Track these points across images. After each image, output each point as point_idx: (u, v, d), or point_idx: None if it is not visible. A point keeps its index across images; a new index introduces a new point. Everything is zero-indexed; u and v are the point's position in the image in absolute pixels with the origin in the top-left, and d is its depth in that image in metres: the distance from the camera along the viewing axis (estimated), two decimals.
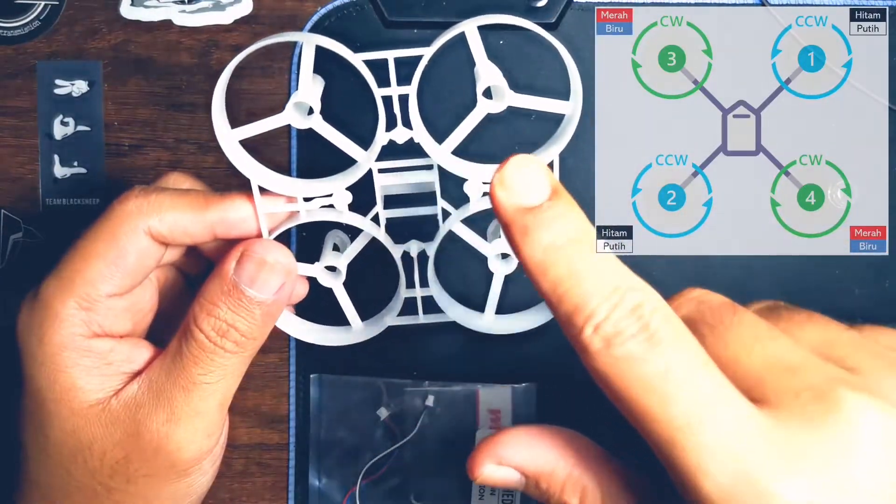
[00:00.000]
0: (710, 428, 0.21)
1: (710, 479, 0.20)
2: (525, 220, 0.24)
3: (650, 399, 0.21)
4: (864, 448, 0.20)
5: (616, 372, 0.22)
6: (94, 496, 0.32)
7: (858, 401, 0.21)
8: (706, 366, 0.22)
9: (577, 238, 0.24)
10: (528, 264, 0.24)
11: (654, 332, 0.22)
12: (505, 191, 0.24)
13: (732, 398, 0.21)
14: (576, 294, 0.23)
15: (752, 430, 0.21)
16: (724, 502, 0.20)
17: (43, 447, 0.32)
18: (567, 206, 0.25)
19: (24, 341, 0.31)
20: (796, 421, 0.21)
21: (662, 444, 0.21)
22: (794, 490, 0.20)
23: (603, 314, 0.22)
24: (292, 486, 0.43)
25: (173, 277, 0.36)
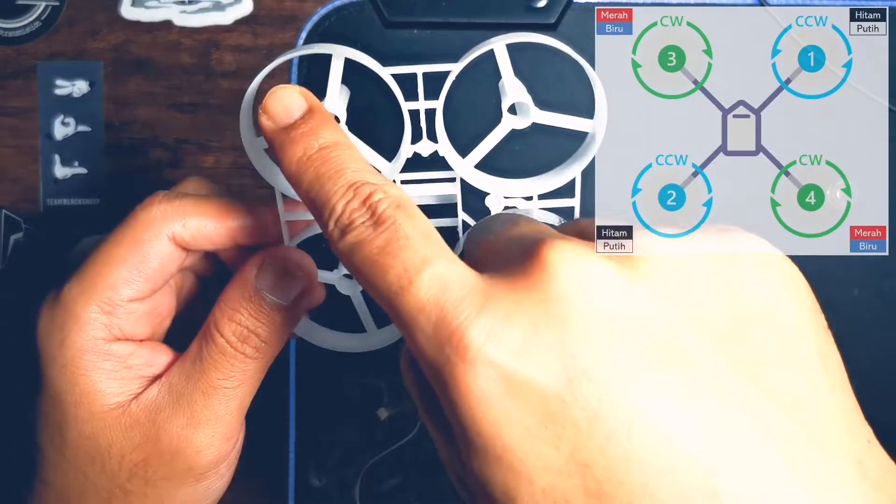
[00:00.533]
0: (417, 287, 0.22)
1: (419, 331, 0.22)
2: (280, 137, 0.27)
3: (373, 273, 0.23)
4: (553, 287, 0.21)
5: (350, 256, 0.24)
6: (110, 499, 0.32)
7: (559, 248, 0.21)
8: (424, 238, 0.23)
9: (325, 146, 0.26)
10: (287, 177, 0.27)
11: (378, 216, 0.24)
12: (267, 117, 0.27)
13: (444, 260, 0.23)
14: (321, 195, 0.25)
15: (456, 284, 0.22)
16: (430, 350, 0.21)
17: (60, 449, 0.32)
18: (318, 121, 0.27)
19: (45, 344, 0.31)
20: (502, 275, 0.22)
21: (389, 312, 0.23)
22: (483, 327, 0.21)
23: (340, 209, 0.24)
24: (292, 486, 0.43)
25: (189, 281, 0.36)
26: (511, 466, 0.20)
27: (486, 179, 0.33)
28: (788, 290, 0.22)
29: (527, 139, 0.33)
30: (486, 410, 0.20)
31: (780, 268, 0.23)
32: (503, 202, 0.33)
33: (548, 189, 0.33)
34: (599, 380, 0.20)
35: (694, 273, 0.22)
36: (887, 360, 0.43)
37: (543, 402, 0.20)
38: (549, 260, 0.21)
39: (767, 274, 0.22)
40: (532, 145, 0.39)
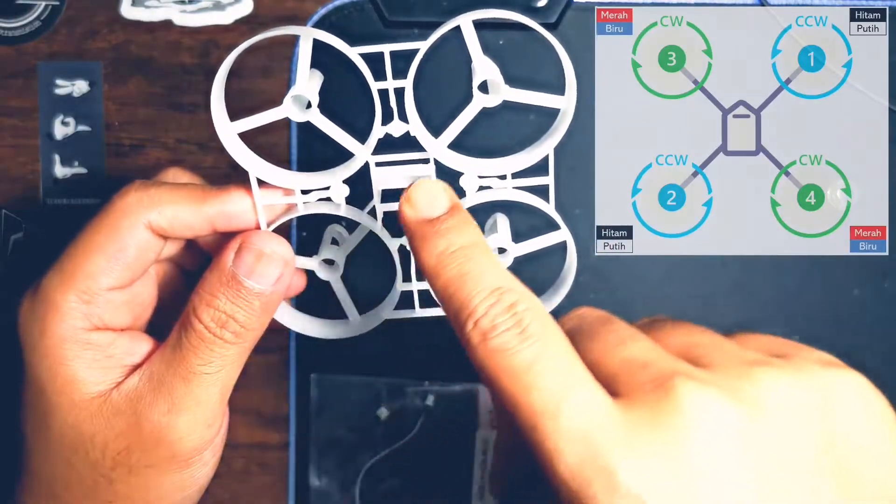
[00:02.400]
0: (565, 414, 0.22)
1: (562, 461, 0.22)
2: (423, 230, 0.28)
3: (516, 387, 0.23)
4: (692, 431, 0.22)
5: (490, 363, 0.24)
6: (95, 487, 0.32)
7: (689, 386, 0.22)
8: (568, 359, 0.24)
9: (466, 245, 0.27)
10: (424, 269, 0.27)
11: (525, 327, 0.24)
12: (410, 206, 0.29)
13: (589, 389, 0.23)
14: (461, 294, 0.25)
15: (602, 417, 0.22)
16: (574, 482, 0.22)
17: (44, 439, 0.32)
18: (461, 220, 0.28)
19: (26, 334, 0.32)
20: (640, 408, 0.23)
21: (527, 430, 0.23)
22: (631, 467, 0.22)
23: (482, 311, 0.25)
24: (292, 486, 0.43)
25: (171, 272, 0.36)
26: None
27: (460, 159, 0.33)
28: (884, 425, 0.24)
29: (499, 117, 0.33)
30: None
31: (878, 406, 0.24)
32: (477, 182, 0.33)
33: (521, 167, 0.33)
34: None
35: (804, 409, 0.23)
36: (888, 360, 0.42)
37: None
38: (683, 401, 0.22)
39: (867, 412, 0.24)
40: (504, 124, 0.39)
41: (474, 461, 0.43)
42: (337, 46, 0.30)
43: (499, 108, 0.31)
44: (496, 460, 0.28)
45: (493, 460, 0.28)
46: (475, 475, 0.43)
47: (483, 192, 0.33)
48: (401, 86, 0.31)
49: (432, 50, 0.30)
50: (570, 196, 0.41)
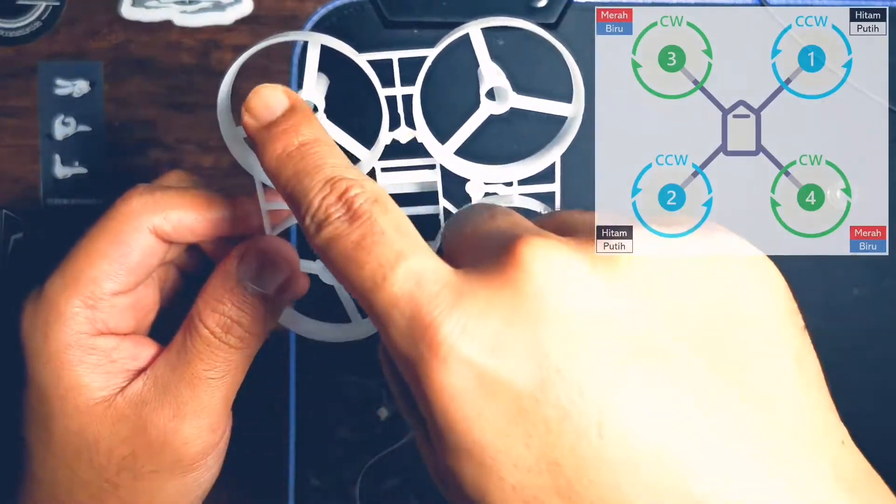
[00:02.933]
0: (391, 282, 0.22)
1: (393, 327, 0.22)
2: (262, 135, 0.27)
3: (348, 268, 0.23)
4: (527, 284, 0.21)
5: (326, 251, 0.24)
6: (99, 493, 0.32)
7: (529, 242, 0.21)
8: (399, 233, 0.23)
9: (305, 143, 0.26)
10: (267, 174, 0.27)
11: (354, 211, 0.24)
12: (249, 115, 0.28)
13: (419, 256, 0.22)
14: (298, 191, 0.25)
15: (430, 280, 0.22)
16: (403, 345, 0.21)
17: (47, 445, 0.32)
18: (298, 119, 0.27)
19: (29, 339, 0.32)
20: (477, 271, 0.22)
21: (364, 307, 0.23)
22: (456, 324, 0.21)
23: (316, 204, 0.24)
24: (292, 486, 0.43)
25: (173, 276, 0.36)
26: (482, 463, 0.21)
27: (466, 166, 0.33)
28: (766, 291, 0.23)
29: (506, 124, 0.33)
30: (458, 407, 0.20)
31: (759, 269, 0.23)
32: (483, 188, 0.33)
33: (528, 174, 0.33)
34: (572, 379, 0.20)
35: (672, 273, 0.22)
36: (888, 361, 0.43)
37: (515, 400, 0.20)
38: (524, 257, 0.21)
39: (746, 275, 0.23)
40: (511, 131, 0.39)
41: None
42: (345, 53, 0.30)
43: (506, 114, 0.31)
44: None
45: None
46: None
47: (488, 199, 0.33)
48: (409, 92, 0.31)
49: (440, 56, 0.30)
50: (570, 196, 0.41)
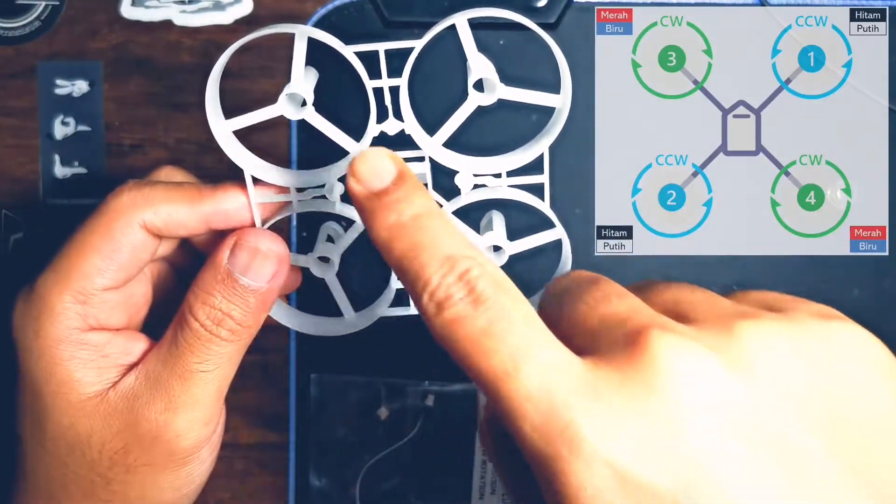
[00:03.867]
0: (525, 373, 0.22)
1: (527, 422, 0.21)
2: (372, 203, 0.27)
3: (474, 354, 0.23)
4: (666, 386, 0.21)
5: (448, 333, 0.23)
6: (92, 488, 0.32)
7: (663, 339, 0.21)
8: (528, 320, 0.23)
9: (418, 215, 0.26)
10: (377, 244, 0.26)
11: (479, 293, 0.23)
12: (356, 181, 0.27)
13: (550, 347, 0.22)
14: (414, 266, 0.25)
15: (565, 374, 0.22)
16: (539, 442, 0.21)
17: (40, 441, 0.32)
18: (410, 188, 0.27)
19: (20, 335, 0.32)
20: (610, 364, 0.22)
21: (491, 397, 0.23)
22: (596, 424, 0.21)
23: (436, 282, 0.24)
24: (292, 486, 0.43)
25: (165, 271, 0.36)
26: None
27: (455, 158, 0.33)
28: (887, 380, 0.22)
29: (494, 116, 0.33)
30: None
31: (880, 359, 0.23)
32: (472, 180, 0.33)
33: (516, 166, 0.33)
34: (715, 484, 0.20)
35: (796, 366, 0.22)
36: None
37: (657, 501, 0.20)
38: (655, 352, 0.21)
39: (867, 366, 0.22)
40: (499, 122, 0.39)
41: (474, 461, 0.43)
42: (332, 45, 0.30)
43: (494, 106, 0.31)
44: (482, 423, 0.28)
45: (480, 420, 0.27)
46: (475, 475, 0.43)
47: (478, 191, 0.33)
48: (396, 84, 0.31)
49: (428, 48, 0.30)
50: (570, 196, 0.41)
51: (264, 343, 0.43)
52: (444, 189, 0.33)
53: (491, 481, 0.43)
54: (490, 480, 0.43)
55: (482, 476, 0.43)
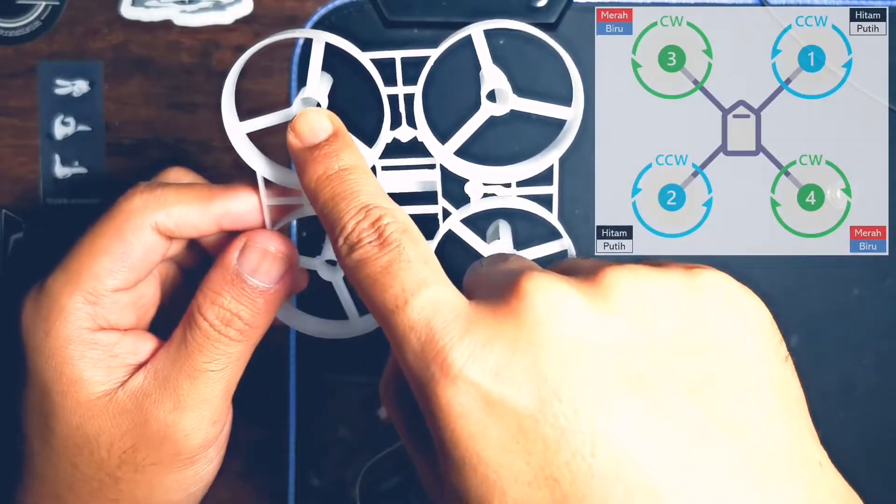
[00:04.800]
0: (411, 307, 0.24)
1: (409, 348, 0.24)
2: (305, 155, 0.29)
3: (373, 289, 0.25)
4: (529, 315, 0.23)
5: (354, 272, 0.26)
6: (100, 487, 0.32)
7: (532, 276, 0.23)
8: (423, 263, 0.25)
9: (344, 168, 0.28)
10: (306, 192, 0.29)
11: (385, 237, 0.26)
12: (294, 135, 0.30)
13: (439, 286, 0.25)
14: (334, 213, 0.27)
15: (445, 307, 0.24)
16: (416, 366, 0.23)
17: (48, 440, 0.32)
18: (341, 145, 0.29)
19: (30, 334, 0.32)
20: (487, 302, 0.24)
21: (384, 328, 0.25)
22: (466, 348, 0.23)
23: (350, 228, 0.27)
24: (292, 486, 0.43)
25: (173, 272, 0.36)
26: (485, 478, 0.22)
27: (466, 166, 0.33)
28: (748, 322, 0.24)
29: (506, 126, 0.34)
30: (464, 425, 0.22)
31: (742, 301, 0.24)
32: (482, 189, 0.33)
33: (526, 176, 0.33)
34: (568, 400, 0.22)
35: (661, 306, 0.23)
36: (888, 361, 0.43)
37: (517, 419, 0.22)
38: (525, 289, 0.23)
39: (729, 307, 0.24)
40: (511, 132, 0.39)
41: None
42: (349, 51, 0.30)
43: (506, 116, 0.32)
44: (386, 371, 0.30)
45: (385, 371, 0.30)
46: None
47: (487, 200, 0.33)
48: (410, 92, 0.31)
49: (441, 56, 0.30)
50: (571, 196, 0.41)
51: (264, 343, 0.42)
52: (454, 197, 0.34)
53: None
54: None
55: None
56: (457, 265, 0.39)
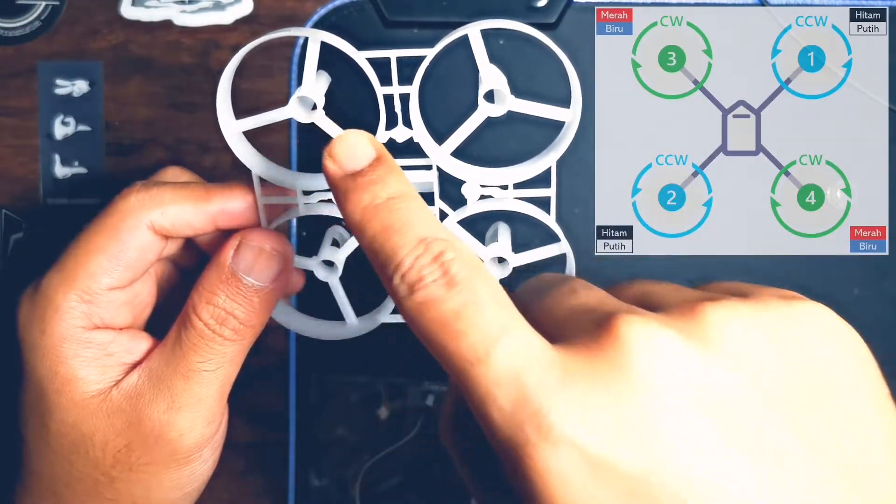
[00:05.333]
0: (494, 359, 0.22)
1: (495, 407, 0.21)
2: (346, 184, 0.26)
3: (444, 336, 0.22)
4: (633, 367, 0.21)
5: (418, 315, 0.23)
6: (95, 486, 0.32)
7: (629, 322, 0.21)
8: (499, 304, 0.23)
9: (393, 197, 0.25)
10: (349, 224, 0.26)
11: (452, 276, 0.23)
12: (332, 161, 0.27)
13: (521, 332, 0.22)
14: (387, 247, 0.24)
15: (535, 359, 0.22)
16: (506, 427, 0.21)
17: (44, 439, 0.32)
18: (386, 170, 0.26)
19: (25, 333, 0.32)
20: (578, 350, 0.22)
21: (458, 378, 0.22)
22: (564, 409, 0.21)
23: (408, 264, 0.24)
24: (292, 486, 0.43)
25: (170, 271, 0.36)
26: None
27: (462, 167, 0.33)
28: (857, 367, 0.23)
29: (503, 127, 0.33)
30: (567, 491, 0.20)
31: (846, 339, 0.23)
32: (479, 191, 0.33)
33: (524, 178, 0.33)
34: (681, 461, 0.20)
35: (769, 353, 0.22)
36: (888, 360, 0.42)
37: (626, 482, 0.20)
38: (624, 336, 0.21)
39: (833, 345, 0.22)
40: (508, 134, 0.39)
41: None
42: (344, 50, 0.30)
43: (503, 117, 0.31)
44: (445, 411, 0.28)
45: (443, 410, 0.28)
46: None
47: (484, 202, 0.33)
48: (406, 92, 0.31)
49: (439, 56, 0.30)
50: (570, 196, 0.41)
51: (264, 343, 0.43)
52: (451, 198, 0.33)
53: None
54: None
55: None
56: None
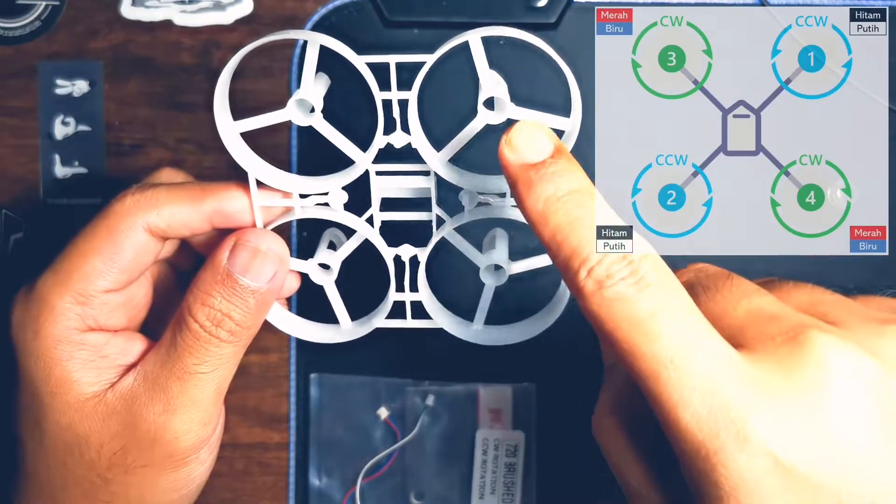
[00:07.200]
0: (690, 364, 0.22)
1: (689, 411, 0.22)
2: (528, 175, 0.26)
3: (637, 336, 0.23)
4: (831, 386, 0.22)
5: (606, 312, 0.23)
6: (91, 488, 0.32)
7: (827, 341, 0.22)
8: (690, 310, 0.23)
9: (576, 190, 0.25)
10: (530, 215, 0.26)
11: (643, 276, 0.23)
12: (511, 150, 0.27)
13: (713, 340, 0.23)
14: (572, 241, 0.24)
15: (729, 368, 0.22)
16: (701, 433, 0.22)
17: (40, 441, 0.32)
18: (567, 163, 0.26)
19: (19, 335, 0.32)
20: (770, 361, 0.22)
21: (647, 379, 0.23)
22: (763, 420, 0.21)
23: (596, 259, 0.24)
24: (292, 486, 0.43)
25: (165, 273, 0.36)
26: None
27: (460, 174, 0.33)
28: None
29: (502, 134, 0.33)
30: (760, 498, 0.21)
31: None
32: (477, 198, 0.33)
33: None
34: (877, 481, 0.21)
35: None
36: None
37: (817, 495, 0.21)
38: (824, 358, 0.22)
39: None
40: None
41: (474, 461, 0.43)
42: (343, 54, 0.30)
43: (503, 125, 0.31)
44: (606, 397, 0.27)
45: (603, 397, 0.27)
46: (475, 475, 0.43)
47: (481, 209, 0.33)
48: (405, 97, 0.31)
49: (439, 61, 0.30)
50: None
51: (264, 343, 0.43)
52: (450, 205, 0.33)
53: (491, 481, 0.43)
54: (490, 480, 0.43)
55: (482, 476, 0.43)
56: (450, 273, 0.39)
